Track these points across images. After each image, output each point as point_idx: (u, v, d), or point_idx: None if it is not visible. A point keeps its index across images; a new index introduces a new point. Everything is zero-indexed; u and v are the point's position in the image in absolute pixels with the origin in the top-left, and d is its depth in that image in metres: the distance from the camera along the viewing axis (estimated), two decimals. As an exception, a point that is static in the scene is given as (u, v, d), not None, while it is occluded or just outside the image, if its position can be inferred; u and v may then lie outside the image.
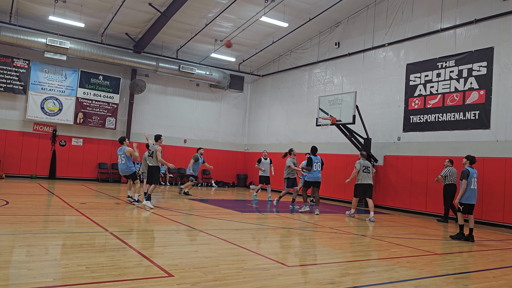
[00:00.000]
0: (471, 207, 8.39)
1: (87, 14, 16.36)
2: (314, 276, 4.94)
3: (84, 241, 6.00)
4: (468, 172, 8.30)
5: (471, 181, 8.28)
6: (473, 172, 8.36)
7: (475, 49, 12.40)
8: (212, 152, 21.54)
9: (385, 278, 5.01)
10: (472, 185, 8.29)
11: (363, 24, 16.25)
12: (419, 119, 13.74)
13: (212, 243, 6.51)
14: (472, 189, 8.30)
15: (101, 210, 9.56)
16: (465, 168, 8.42)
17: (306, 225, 9.40)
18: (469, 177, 8.27)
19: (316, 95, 17.67)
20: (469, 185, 8.27)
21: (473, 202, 8.35)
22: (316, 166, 11.53)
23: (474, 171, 8.42)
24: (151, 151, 10.87)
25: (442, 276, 5.35)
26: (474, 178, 8.34)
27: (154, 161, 10.79)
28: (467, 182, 8.26)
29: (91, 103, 18.49)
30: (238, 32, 17.98)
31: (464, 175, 8.30)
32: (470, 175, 8.29)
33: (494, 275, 5.70)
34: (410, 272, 5.41)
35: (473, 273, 5.76)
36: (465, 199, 8.31)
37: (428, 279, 5.16)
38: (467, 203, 8.32)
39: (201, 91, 21.59)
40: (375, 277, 5.09)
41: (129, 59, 18.30)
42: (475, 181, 8.36)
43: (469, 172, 8.29)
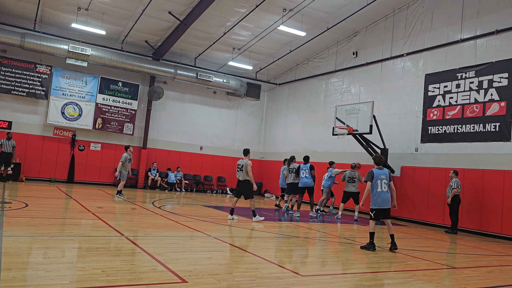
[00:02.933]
0: (383, 212, 7.69)
1: (109, 22, 16.72)
2: (327, 287, 4.90)
3: (100, 245, 6.08)
4: (372, 173, 7.62)
5: (376, 183, 7.57)
6: (380, 173, 7.63)
7: (496, 60, 12.21)
8: (227, 160, 21.61)
9: (401, 291, 4.93)
10: (380, 188, 7.56)
11: (381, 34, 16.18)
12: (438, 130, 13.56)
13: (226, 250, 6.51)
14: (380, 192, 7.56)
15: (117, 215, 9.67)
16: (370, 170, 7.74)
17: (321, 235, 9.32)
18: (373, 179, 7.58)
19: (333, 104, 17.61)
20: (375, 187, 7.56)
21: (384, 206, 7.60)
22: (304, 173, 12.69)
23: (382, 172, 7.67)
24: (241, 165, 10.53)
25: (460, 291, 5.24)
26: (382, 180, 7.59)
27: (243, 175, 10.49)
28: (372, 185, 7.57)
29: (110, 109, 18.80)
30: (256, 41, 18.10)
31: (368, 177, 7.64)
32: (375, 176, 7.58)
33: (514, 291, 5.55)
34: (427, 286, 5.31)
35: (492, 288, 5.62)
36: (374, 204, 7.62)
37: (445, 293, 5.06)
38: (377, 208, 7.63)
39: (218, 99, 21.74)
40: (390, 289, 5.01)
41: (148, 66, 18.58)
42: (384, 182, 7.60)
43: (373, 173, 7.61)
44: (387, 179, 7.68)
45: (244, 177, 10.46)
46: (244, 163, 10.48)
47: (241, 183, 10.53)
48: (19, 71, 17.01)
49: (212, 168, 21.36)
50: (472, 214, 12.11)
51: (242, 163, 10.53)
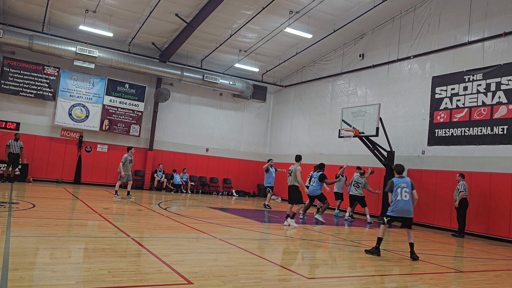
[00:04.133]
0: (405, 221, 7.59)
1: (116, 24, 16.83)
2: (334, 290, 4.88)
3: (106, 246, 6.10)
4: (392, 182, 7.59)
5: (396, 192, 7.49)
6: (400, 182, 7.55)
7: (503, 63, 12.12)
8: (233, 162, 21.63)
9: (407, 295, 4.89)
10: (400, 196, 7.46)
11: (388, 36, 16.13)
12: (445, 133, 13.47)
13: (231, 252, 6.51)
14: (400, 200, 7.46)
15: (123, 216, 9.71)
16: (390, 179, 7.73)
17: (326, 238, 9.29)
18: (393, 188, 7.53)
19: (339, 107, 17.57)
20: (395, 196, 7.50)
21: (402, 215, 7.48)
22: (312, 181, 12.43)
23: (403, 181, 7.57)
24: (291, 170, 10.52)
25: (467, 295, 5.19)
26: (402, 188, 7.48)
27: (292, 180, 10.46)
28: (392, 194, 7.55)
29: (116, 111, 18.90)
30: (262, 43, 18.13)
31: (387, 187, 7.67)
32: (395, 185, 7.52)
33: (522, 296, 5.50)
34: (433, 289, 5.27)
35: (499, 293, 5.57)
36: (391, 211, 7.55)
37: (452, 297, 5.02)
38: (394, 215, 7.53)
39: (224, 101, 21.78)
40: (396, 293, 4.98)
41: (155, 68, 18.66)
42: (404, 191, 7.47)
43: (392, 183, 7.57)
44: (408, 188, 7.54)
45: (292, 182, 10.46)
46: (294, 168, 10.48)
47: (289, 188, 10.55)
48: (27, 72, 17.16)
49: (218, 170, 21.38)
50: (479, 218, 12.01)
51: (293, 168, 10.55)
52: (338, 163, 16.94)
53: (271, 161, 15.38)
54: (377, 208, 14.95)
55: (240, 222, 10.62)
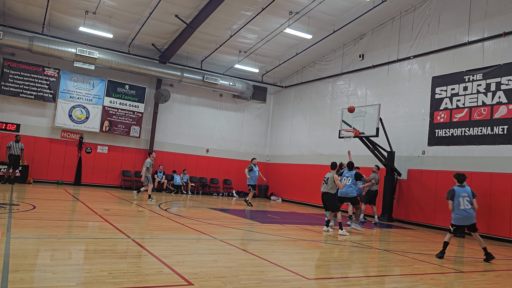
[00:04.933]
0: (469, 227, 7.79)
1: (116, 25, 16.84)
2: (334, 290, 4.88)
3: (106, 247, 6.10)
4: (453, 191, 7.75)
5: (458, 201, 7.68)
6: (461, 191, 7.72)
7: (503, 63, 12.12)
8: (234, 162, 21.63)
9: (408, 295, 4.89)
10: (462, 205, 7.66)
11: (388, 36, 16.13)
12: (445, 133, 13.47)
13: (232, 253, 6.51)
14: (462, 210, 7.67)
15: (124, 217, 9.71)
16: (451, 188, 7.86)
17: (327, 238, 9.29)
18: (455, 197, 7.71)
19: (339, 107, 17.57)
20: (457, 205, 7.68)
21: (465, 223, 7.73)
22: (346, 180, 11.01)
23: (464, 190, 7.76)
24: (327, 178, 10.12)
25: (468, 295, 5.19)
26: (464, 198, 7.68)
27: (326, 187, 10.09)
28: (454, 202, 7.72)
29: (116, 112, 18.91)
30: (262, 44, 18.13)
31: (448, 195, 7.80)
32: (456, 194, 7.70)
33: (523, 296, 5.49)
34: (434, 290, 5.27)
35: (500, 293, 5.56)
36: (455, 220, 7.77)
37: (452, 297, 5.01)
38: (459, 224, 7.78)
39: (224, 101, 21.78)
40: (397, 293, 4.98)
41: (155, 69, 18.67)
42: (466, 200, 7.68)
43: (454, 192, 7.73)
44: (469, 197, 7.74)
45: (326, 189, 10.06)
46: (331, 176, 10.10)
47: (324, 196, 10.14)
48: (27, 74, 17.17)
49: (218, 171, 21.38)
50: (480, 218, 11.95)
51: (329, 176, 10.15)
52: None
53: (254, 160, 15.91)
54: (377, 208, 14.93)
55: (240, 223, 10.62)
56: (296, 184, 19.90)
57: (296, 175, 20.02)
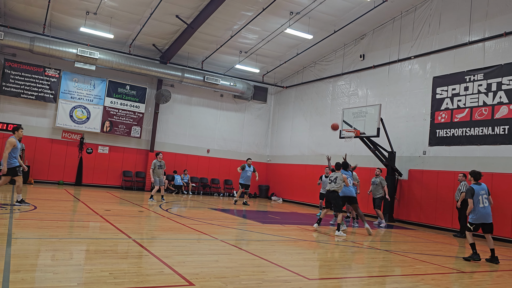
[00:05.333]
0: (485, 226, 7.77)
1: (117, 26, 16.86)
2: (335, 290, 4.87)
3: (107, 247, 6.11)
4: (472, 190, 7.69)
5: (477, 200, 7.65)
6: (479, 189, 7.71)
7: (504, 63, 12.11)
8: (234, 163, 21.61)
9: (409, 295, 4.89)
10: (481, 204, 7.64)
11: (389, 37, 16.13)
12: (446, 133, 13.46)
13: (233, 253, 6.51)
14: (481, 207, 7.64)
15: (124, 217, 9.71)
16: (469, 186, 7.81)
17: (328, 238, 9.28)
18: (474, 196, 7.65)
19: (340, 107, 17.56)
20: (476, 203, 7.64)
21: (483, 221, 7.67)
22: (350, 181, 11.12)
23: (481, 188, 7.75)
24: (334, 177, 10.16)
25: (469, 295, 5.19)
26: (482, 195, 7.68)
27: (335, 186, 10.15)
28: (474, 202, 7.66)
29: (117, 112, 18.92)
30: (263, 44, 18.14)
31: (468, 194, 7.70)
32: (476, 193, 7.66)
33: (524, 296, 5.48)
34: (435, 290, 5.26)
35: (501, 293, 5.56)
36: (475, 219, 7.71)
37: (454, 297, 5.01)
38: (478, 223, 7.72)
39: (225, 102, 21.79)
40: (398, 293, 4.97)
41: (156, 69, 18.68)
42: (484, 197, 7.68)
43: (473, 190, 7.68)
44: (487, 194, 7.78)
45: (333, 188, 10.13)
46: (339, 175, 10.18)
47: (330, 194, 10.21)
48: (28, 74, 17.19)
49: (219, 171, 21.38)
50: (481, 218, 11.97)
51: (337, 175, 10.20)
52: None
53: (249, 160, 16.18)
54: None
55: (241, 223, 10.62)
56: (296, 184, 19.90)
57: (296, 176, 20.02)
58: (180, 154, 20.41)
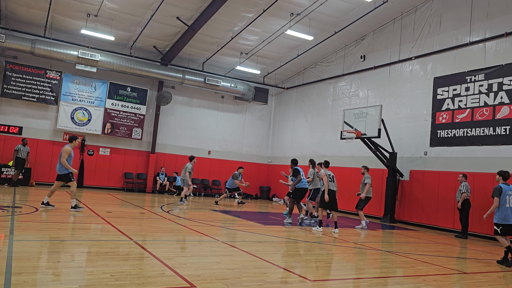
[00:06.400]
0: (509, 228, 7.62)
1: (117, 28, 16.89)
2: (337, 292, 4.87)
3: (109, 249, 6.11)
4: (500, 189, 7.61)
5: (504, 199, 7.58)
6: (507, 189, 7.62)
7: (505, 63, 12.10)
8: (235, 164, 21.61)
9: (411, 296, 4.88)
10: (508, 203, 7.54)
11: (389, 37, 16.13)
12: (447, 133, 13.45)
13: (234, 255, 6.51)
14: (508, 207, 7.54)
15: (126, 219, 9.72)
16: (497, 185, 7.76)
17: (329, 240, 9.27)
18: (502, 195, 7.58)
19: (340, 108, 17.56)
20: (503, 203, 7.56)
21: (510, 222, 7.52)
22: None
23: (509, 188, 7.66)
24: (332, 176, 10.60)
25: (471, 296, 5.18)
26: (510, 196, 7.57)
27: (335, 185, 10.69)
28: (500, 200, 7.58)
29: (118, 114, 18.95)
30: (264, 45, 18.15)
31: (496, 193, 7.62)
32: (503, 192, 7.59)
33: (526, 297, 5.47)
34: (437, 291, 5.25)
35: (503, 294, 5.54)
36: (502, 220, 7.58)
37: (455, 298, 5.00)
38: (504, 223, 7.57)
39: (226, 103, 21.81)
40: (400, 294, 4.97)
41: (156, 71, 18.71)
42: (511, 198, 7.58)
43: (501, 189, 7.61)
44: None
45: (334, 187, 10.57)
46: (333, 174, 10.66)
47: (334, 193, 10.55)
48: (29, 77, 17.22)
49: (220, 173, 21.39)
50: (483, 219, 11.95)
51: (332, 174, 10.69)
52: (340, 164, 16.95)
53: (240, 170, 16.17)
54: (379, 209, 14.92)
55: (242, 224, 10.62)
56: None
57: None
58: (181, 155, 20.41)
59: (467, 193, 11.43)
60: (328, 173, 10.57)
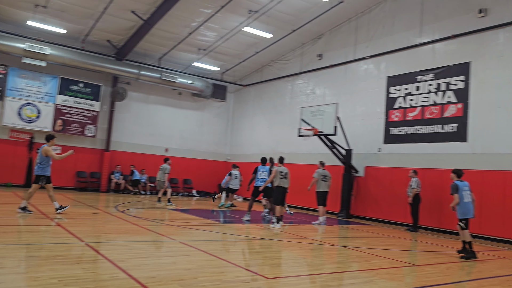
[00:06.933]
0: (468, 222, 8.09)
1: (69, 21, 16.14)
2: (293, 289, 4.90)
3: (58, 253, 5.83)
4: (456, 186, 8.03)
5: (461, 195, 8.01)
6: (463, 185, 8.08)
7: (453, 64, 12.70)
8: (193, 162, 21.40)
9: (365, 291, 5.00)
10: (465, 199, 8.00)
11: (345, 37, 16.48)
12: (399, 131, 13.94)
13: (191, 255, 6.40)
14: (466, 202, 8.00)
15: (78, 220, 9.33)
16: (453, 183, 8.17)
17: (286, 236, 9.35)
18: (459, 191, 8.01)
19: (298, 106, 17.75)
20: (461, 199, 8.04)
21: (470, 216, 8.02)
22: None
23: (464, 184, 8.12)
24: (284, 172, 10.75)
25: (421, 288, 5.38)
26: (466, 191, 8.05)
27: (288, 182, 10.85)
28: (459, 196, 8.01)
29: (70, 110, 18.16)
30: (222, 42, 18.01)
31: (454, 190, 8.05)
32: (460, 188, 8.01)
33: (471, 286, 5.76)
34: (389, 284, 5.42)
35: (450, 284, 5.81)
36: (463, 214, 8.01)
37: (407, 291, 5.18)
38: (466, 217, 8.00)
39: (184, 100, 21.47)
40: (354, 289, 5.07)
41: (111, 66, 18.09)
42: (468, 193, 8.06)
43: (457, 186, 8.03)
44: (469, 190, 8.15)
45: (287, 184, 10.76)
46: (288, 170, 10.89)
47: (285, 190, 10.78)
48: (-29, 70, 16.14)
49: (178, 170, 21.02)
50: (432, 212, 12.53)
51: (286, 170, 10.83)
52: (299, 161, 17.17)
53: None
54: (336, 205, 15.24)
55: (200, 223, 10.50)
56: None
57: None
58: (138, 153, 19.91)
59: (417, 188, 11.91)
60: (281, 170, 10.73)
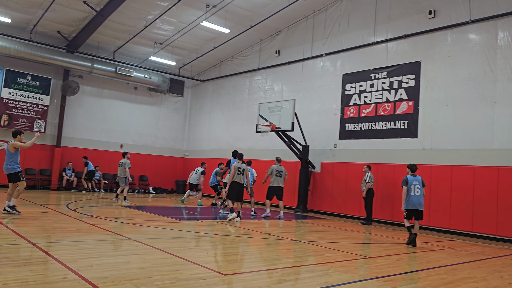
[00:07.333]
0: (416, 213, 8.69)
1: (14, 9, 15.25)
2: (250, 284, 4.90)
3: (3, 255, 5.50)
4: (406, 179, 8.69)
5: (410, 188, 8.63)
6: (413, 179, 8.71)
7: (404, 62, 13.18)
8: (150, 158, 20.96)
9: (320, 283, 5.09)
10: (413, 192, 8.62)
11: (303, 34, 16.68)
12: (354, 127, 14.32)
13: (146, 253, 6.26)
14: (413, 195, 8.61)
15: (25, 220, 8.87)
16: (405, 176, 8.83)
17: (244, 232, 9.37)
18: (408, 184, 8.63)
19: (256, 102, 17.81)
20: (409, 191, 8.63)
21: (414, 208, 8.63)
22: None
23: (415, 178, 8.74)
24: (242, 169, 10.86)
25: (373, 279, 5.55)
26: (415, 185, 8.66)
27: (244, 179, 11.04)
28: (407, 189, 8.63)
29: (17, 104, 17.22)
30: (179, 36, 17.70)
31: (403, 183, 8.71)
32: (409, 182, 8.65)
33: (419, 276, 6.02)
34: (343, 277, 5.55)
35: (400, 275, 6.03)
36: (407, 205, 8.66)
37: (359, 282, 5.32)
38: (409, 208, 8.65)
39: (139, 95, 20.95)
40: (310, 282, 5.15)
41: (61, 58, 17.30)
42: (417, 187, 8.66)
43: (407, 180, 8.68)
44: (420, 184, 8.74)
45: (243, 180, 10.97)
46: (246, 167, 11.05)
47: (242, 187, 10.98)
48: None
49: (134, 167, 20.47)
50: (385, 206, 12.98)
51: (244, 167, 10.96)
52: (256, 157, 17.22)
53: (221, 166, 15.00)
54: (293, 200, 15.45)
55: (156, 220, 10.29)
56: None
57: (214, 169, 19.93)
58: (91, 149, 19.22)
59: (371, 182, 12.30)
60: (239, 166, 10.77)
